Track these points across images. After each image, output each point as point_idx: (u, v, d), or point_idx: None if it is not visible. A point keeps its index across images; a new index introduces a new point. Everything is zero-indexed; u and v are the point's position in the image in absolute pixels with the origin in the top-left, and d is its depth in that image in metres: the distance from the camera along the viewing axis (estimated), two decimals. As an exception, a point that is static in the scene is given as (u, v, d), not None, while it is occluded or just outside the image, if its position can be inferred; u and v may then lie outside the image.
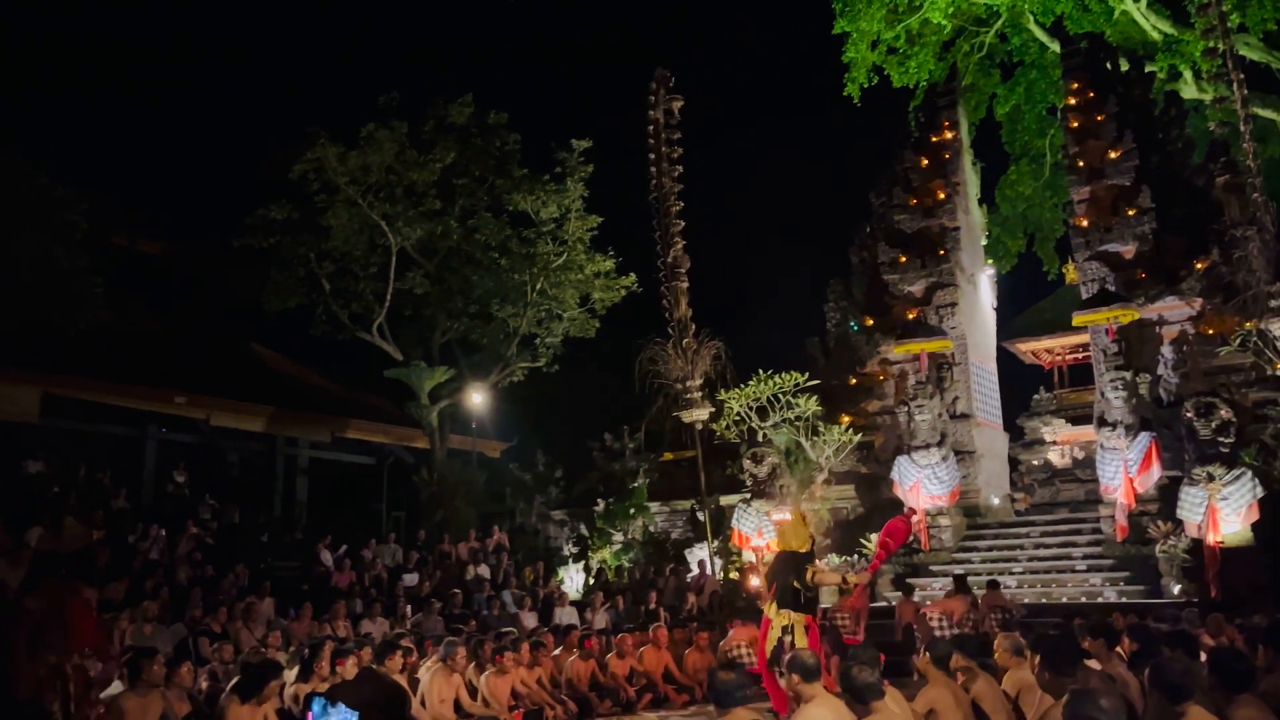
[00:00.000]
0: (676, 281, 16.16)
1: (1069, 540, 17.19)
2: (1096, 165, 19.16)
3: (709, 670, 5.29)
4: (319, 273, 21.46)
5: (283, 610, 13.37)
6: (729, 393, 17.40)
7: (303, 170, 20.22)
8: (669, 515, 21.78)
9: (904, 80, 27.71)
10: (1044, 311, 26.69)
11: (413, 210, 21.20)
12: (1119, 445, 15.59)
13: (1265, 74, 25.85)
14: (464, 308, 23.15)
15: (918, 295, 20.35)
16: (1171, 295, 17.70)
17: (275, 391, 22.11)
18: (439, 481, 21.40)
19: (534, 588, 17.11)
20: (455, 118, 21.66)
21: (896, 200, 21.39)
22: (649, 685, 11.55)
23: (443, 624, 13.55)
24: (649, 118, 16.74)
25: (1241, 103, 15.00)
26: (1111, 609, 11.64)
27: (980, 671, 6.50)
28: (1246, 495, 13.68)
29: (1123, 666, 6.78)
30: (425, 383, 22.05)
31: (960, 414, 19.47)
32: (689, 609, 16.34)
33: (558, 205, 21.97)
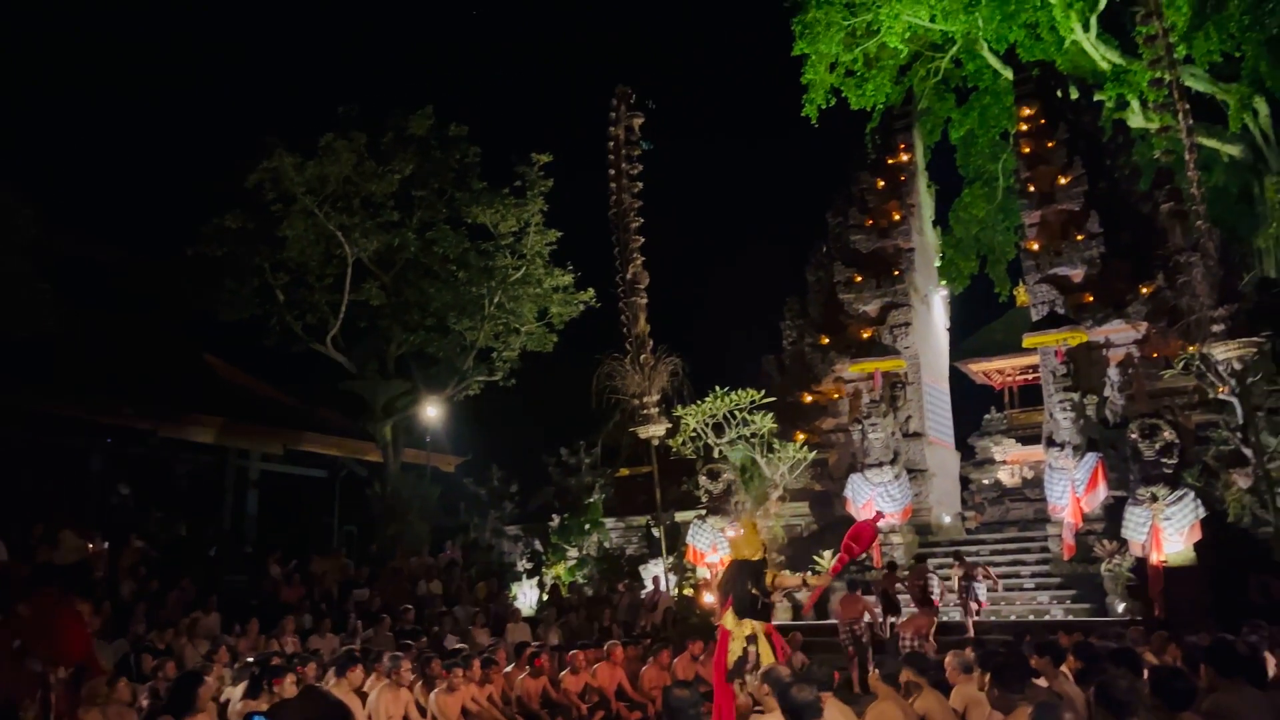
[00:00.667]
0: (635, 297, 16.20)
1: (1018, 558, 17.44)
2: (1047, 190, 19.58)
3: (663, 687, 5.29)
4: (273, 283, 21.18)
5: (231, 625, 13.12)
6: (686, 409, 17.47)
7: (258, 179, 19.97)
8: (624, 531, 21.76)
9: (861, 103, 28.12)
10: (995, 332, 27.16)
11: (370, 221, 21.02)
12: (1067, 465, 15.87)
13: (1210, 105, 26.62)
14: (420, 320, 22.97)
15: (872, 315, 20.60)
16: (1118, 319, 18.10)
17: (227, 403, 21.76)
18: (392, 496, 21.18)
19: (487, 604, 16.97)
20: (415, 129, 21.56)
21: (853, 220, 21.68)
22: (601, 702, 11.49)
23: (393, 640, 13.38)
24: (609, 134, 16.81)
25: (1186, 132, 15.39)
26: (1058, 627, 11.81)
27: (929, 688, 6.58)
28: (1189, 515, 14.00)
29: (1069, 684, 6.89)
30: (380, 396, 21.83)
31: (913, 432, 19.70)
32: (643, 625, 16.32)
33: (517, 219, 21.92)
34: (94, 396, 18.75)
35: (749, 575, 8.65)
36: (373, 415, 21.87)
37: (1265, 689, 5.82)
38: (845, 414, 20.20)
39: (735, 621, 8.56)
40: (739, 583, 8.66)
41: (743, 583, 8.64)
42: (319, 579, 16.57)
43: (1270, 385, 16.33)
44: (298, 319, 21.81)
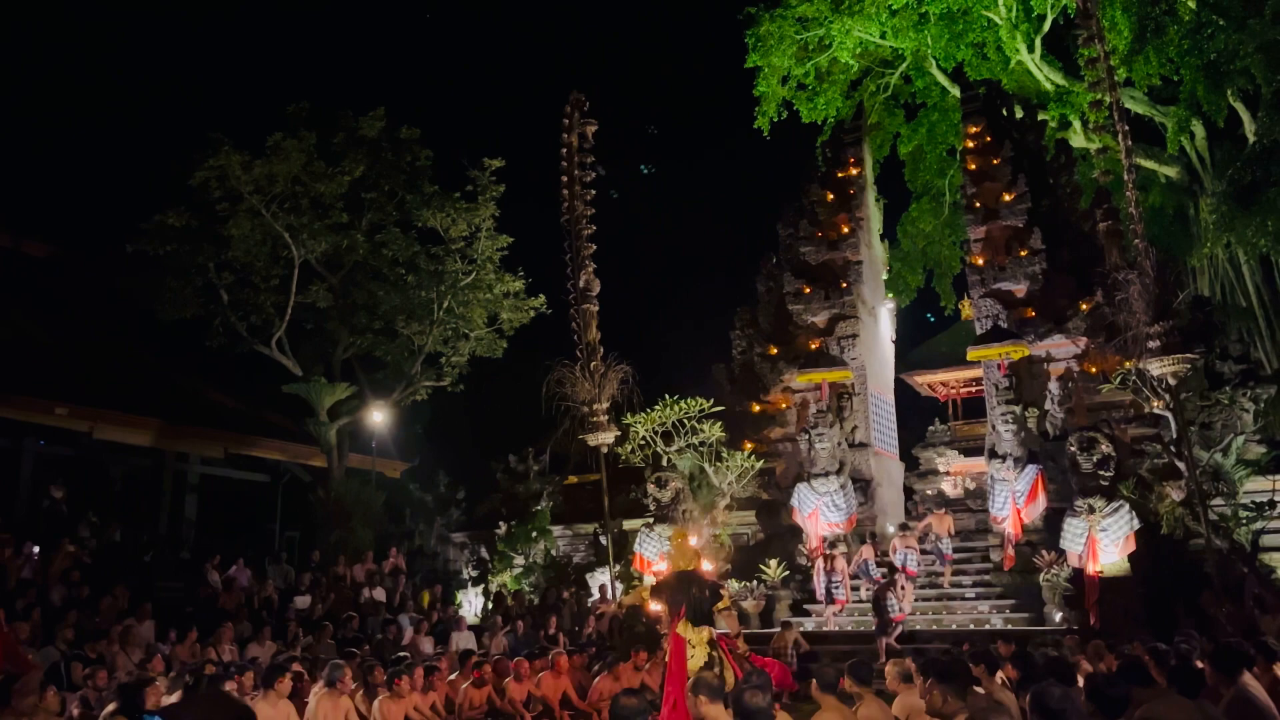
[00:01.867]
0: (586, 305, 16.16)
1: (960, 568, 17.70)
2: (992, 206, 19.95)
3: (612, 696, 5.27)
4: (217, 283, 20.80)
5: (166, 633, 12.83)
6: (635, 417, 17.47)
7: (204, 177, 19.62)
8: (571, 539, 21.69)
9: (812, 116, 28.42)
10: (940, 345, 27.58)
11: (318, 222, 20.75)
12: (1008, 477, 16.17)
13: (1149, 127, 27.36)
14: (368, 323, 22.72)
15: (821, 326, 20.80)
16: (1059, 334, 18.49)
17: (165, 404, 21.27)
18: (336, 501, 20.88)
19: (431, 611, 16.80)
20: (366, 131, 21.35)
21: (803, 232, 21.88)
22: (546, 711, 11.43)
23: (335, 648, 13.20)
24: (563, 140, 16.78)
25: (1125, 153, 15.75)
26: (997, 635, 12.01)
27: (871, 696, 6.64)
28: (1124, 527, 14.34)
29: (1005, 691, 7.01)
30: (325, 399, 21.52)
31: (859, 443, 19.92)
32: (588, 634, 16.27)
33: (468, 223, 21.80)
34: (25, 395, 18.23)
35: (696, 583, 8.71)
36: (317, 419, 21.55)
37: (1197, 697, 5.96)
38: (793, 424, 20.35)
39: (693, 629, 8.59)
40: (688, 591, 8.69)
41: (689, 590, 8.68)
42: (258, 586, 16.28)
43: (1202, 400, 16.80)
44: (242, 320, 21.44)
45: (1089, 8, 15.49)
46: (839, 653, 13.53)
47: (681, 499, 17.60)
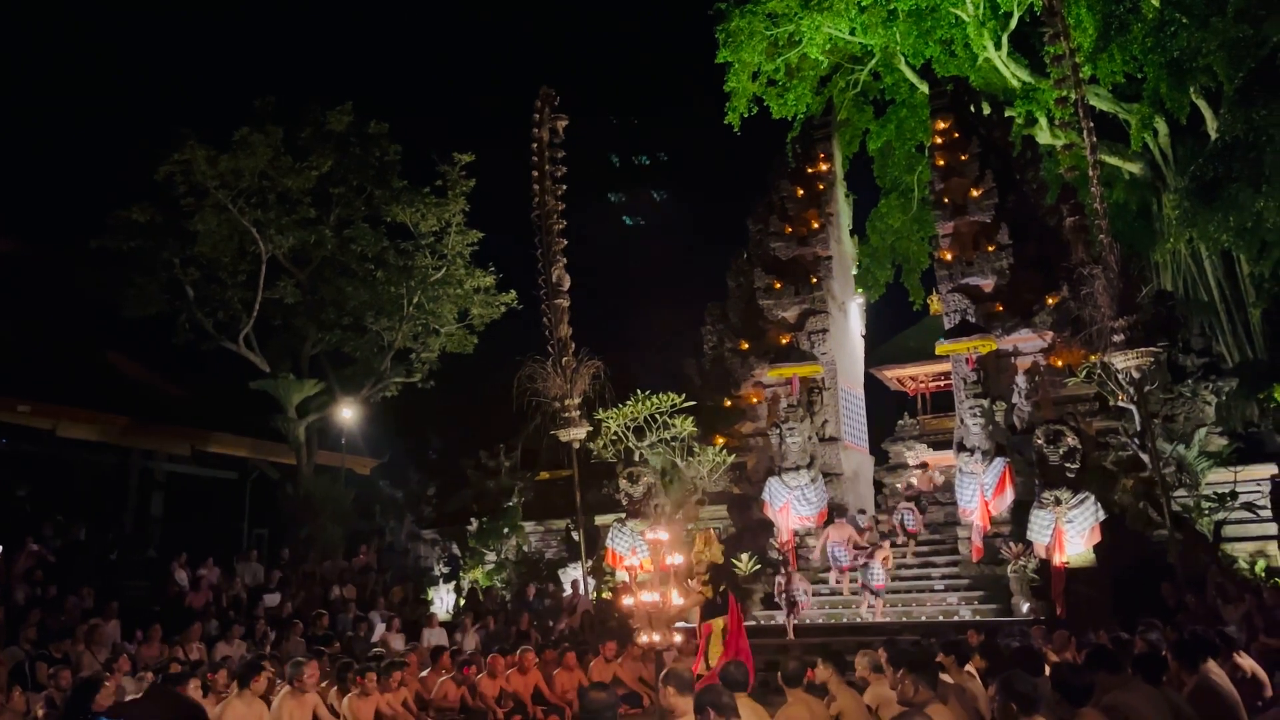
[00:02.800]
0: (557, 300, 16.14)
1: (929, 560, 17.87)
2: (960, 202, 20.13)
3: (580, 690, 5.28)
4: (183, 279, 20.54)
5: (133, 633, 12.69)
6: (607, 412, 17.46)
7: (169, 172, 19.37)
8: (543, 534, 21.66)
9: (783, 112, 28.53)
10: (909, 340, 27.79)
11: (286, 218, 20.55)
12: (976, 470, 16.33)
13: (1113, 123, 27.71)
14: (337, 319, 22.53)
15: (791, 321, 20.90)
16: (1026, 328, 18.70)
17: (131, 402, 20.99)
18: (305, 498, 20.72)
19: (402, 608, 16.73)
20: (334, 125, 21.16)
21: (773, 228, 21.96)
22: (518, 706, 11.43)
23: (305, 646, 13.11)
24: (533, 135, 16.74)
25: (1090, 150, 15.97)
26: (966, 627, 12.14)
27: (845, 687, 6.70)
28: (1089, 518, 14.54)
29: (974, 681, 7.10)
30: (293, 396, 21.32)
31: (829, 437, 20.04)
32: (561, 629, 16.27)
33: (438, 218, 21.68)
34: (-13, 394, 17.94)
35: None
36: (286, 416, 21.35)
37: (1160, 686, 6.06)
38: (764, 418, 20.44)
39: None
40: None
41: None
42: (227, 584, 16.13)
43: (1165, 393, 17.07)
44: (208, 316, 21.20)
45: (1054, 5, 15.69)
46: (809, 645, 13.66)
47: (653, 494, 17.64)
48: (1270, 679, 7.39)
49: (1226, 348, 26.35)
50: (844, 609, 16.68)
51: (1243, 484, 15.96)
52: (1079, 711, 5.24)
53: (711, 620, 9.04)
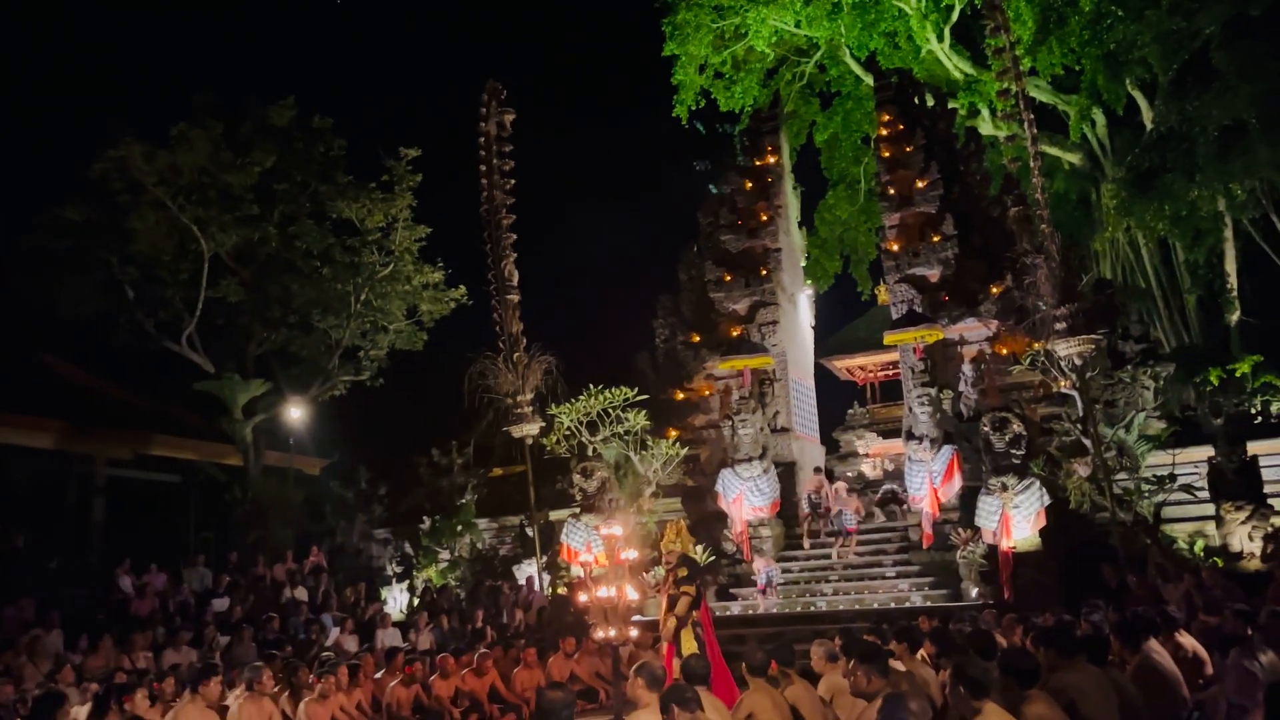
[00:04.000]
0: (507, 295, 16.03)
1: (880, 548, 18.10)
2: (906, 193, 20.37)
3: (537, 689, 5.28)
4: (121, 278, 20.06)
5: (76, 642, 12.38)
6: (560, 408, 17.41)
7: (104, 169, 18.89)
8: (497, 531, 21.54)
9: (730, 104, 28.66)
10: (858, 330, 28.12)
11: (228, 215, 20.17)
12: (925, 457, 16.56)
13: (1053, 115, 28.24)
14: (283, 318, 22.17)
15: (742, 313, 21.00)
16: (971, 317, 18.99)
17: (68, 405, 20.46)
18: (253, 500, 20.38)
19: (355, 609, 16.53)
20: (276, 120, 20.78)
21: (723, 220, 22.04)
22: (474, 705, 11.36)
23: (256, 650, 12.89)
24: (480, 129, 16.59)
25: (1031, 141, 16.26)
26: (918, 613, 12.32)
27: (798, 677, 6.76)
28: (1035, 503, 14.83)
29: (924, 667, 7.20)
30: (239, 396, 20.96)
31: (781, 428, 20.19)
32: (516, 625, 16.21)
33: (384, 214, 21.42)
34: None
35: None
36: (231, 417, 20.99)
37: (1104, 666, 6.20)
38: (716, 410, 20.53)
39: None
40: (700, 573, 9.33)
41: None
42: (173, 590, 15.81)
43: (1106, 379, 17.46)
44: (149, 316, 20.75)
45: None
46: (765, 635, 13.77)
47: (607, 488, 17.62)
48: (1210, 657, 7.59)
49: (1163, 333, 27.05)
50: (798, 598, 16.83)
51: (1181, 466, 16.37)
52: (1027, 693, 5.35)
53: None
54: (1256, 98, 20.58)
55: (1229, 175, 21.85)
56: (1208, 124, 21.58)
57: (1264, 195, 23.78)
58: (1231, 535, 15.18)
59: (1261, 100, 20.55)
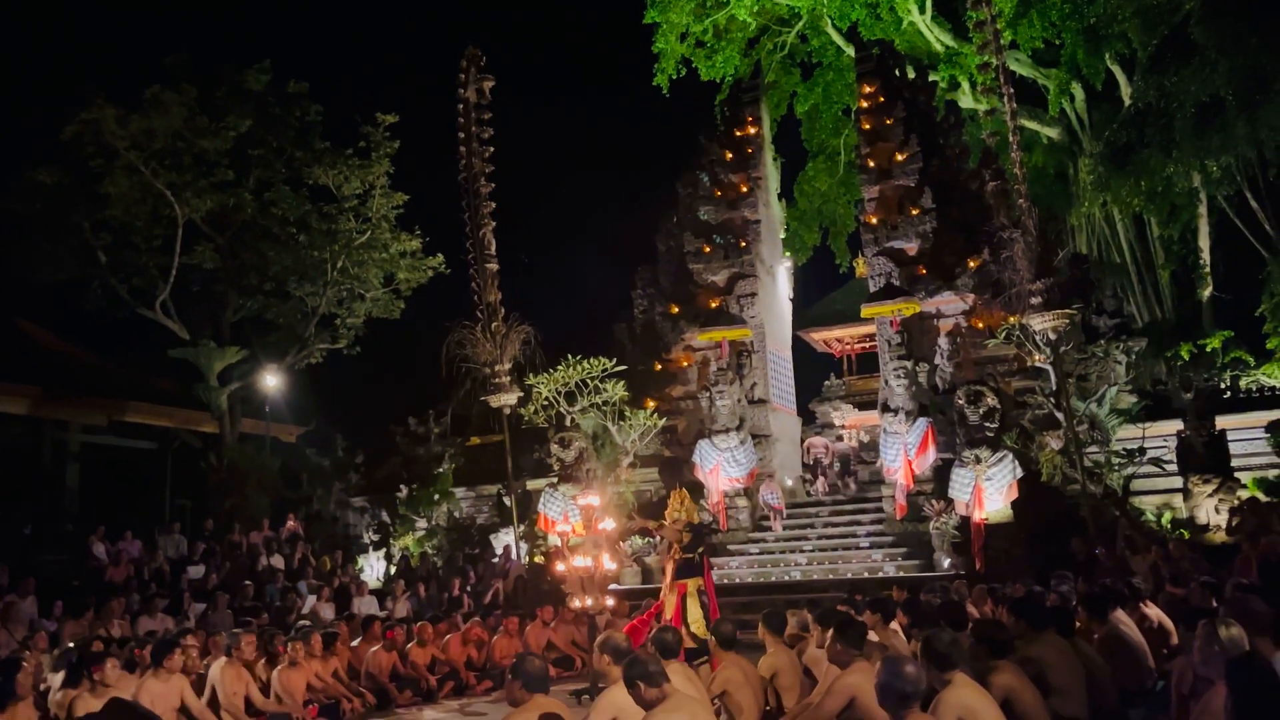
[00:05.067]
0: (486, 264, 15.97)
1: (854, 519, 18.31)
2: (885, 166, 20.39)
3: (516, 656, 5.33)
4: (94, 243, 19.80)
5: (50, 608, 12.35)
6: (538, 377, 17.42)
7: (76, 132, 18.58)
8: (475, 500, 21.60)
9: (711, 74, 28.48)
10: (836, 303, 28.19)
11: (203, 180, 19.91)
12: (900, 430, 16.72)
13: (1032, 89, 28.28)
14: (258, 285, 21.98)
15: (720, 285, 21.03)
16: (948, 291, 19.10)
17: (42, 371, 20.24)
18: (229, 468, 20.30)
19: (331, 577, 16.57)
20: (251, 84, 20.48)
21: (702, 191, 22.00)
22: (451, 673, 11.44)
23: (232, 618, 12.93)
24: (459, 96, 16.43)
25: (1011, 115, 16.30)
26: (890, 583, 12.49)
27: (780, 645, 6.85)
28: (1007, 475, 15.03)
29: (897, 638, 7.32)
30: (214, 363, 20.82)
31: (758, 399, 20.29)
32: (493, 594, 16.30)
33: (361, 181, 21.21)
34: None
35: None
36: (207, 384, 20.86)
37: (1072, 637, 6.33)
38: (694, 382, 20.60)
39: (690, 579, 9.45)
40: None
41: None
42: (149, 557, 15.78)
43: (1079, 353, 17.66)
44: (122, 282, 20.53)
45: (977, -29, 15.88)
46: (739, 604, 13.93)
47: (585, 458, 17.69)
48: (1176, 628, 7.76)
49: (1137, 308, 27.32)
50: (773, 568, 17.01)
51: (1150, 440, 16.64)
52: (996, 664, 5.47)
53: (686, 580, 9.16)
54: (1235, 73, 20.68)
55: (1205, 151, 21.98)
56: (1186, 100, 21.67)
57: (1239, 172, 23.96)
58: (1198, 508, 15.46)
59: (1239, 76, 20.64)
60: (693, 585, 9.07)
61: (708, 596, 9.15)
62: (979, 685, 4.77)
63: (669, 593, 9.22)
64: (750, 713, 6.21)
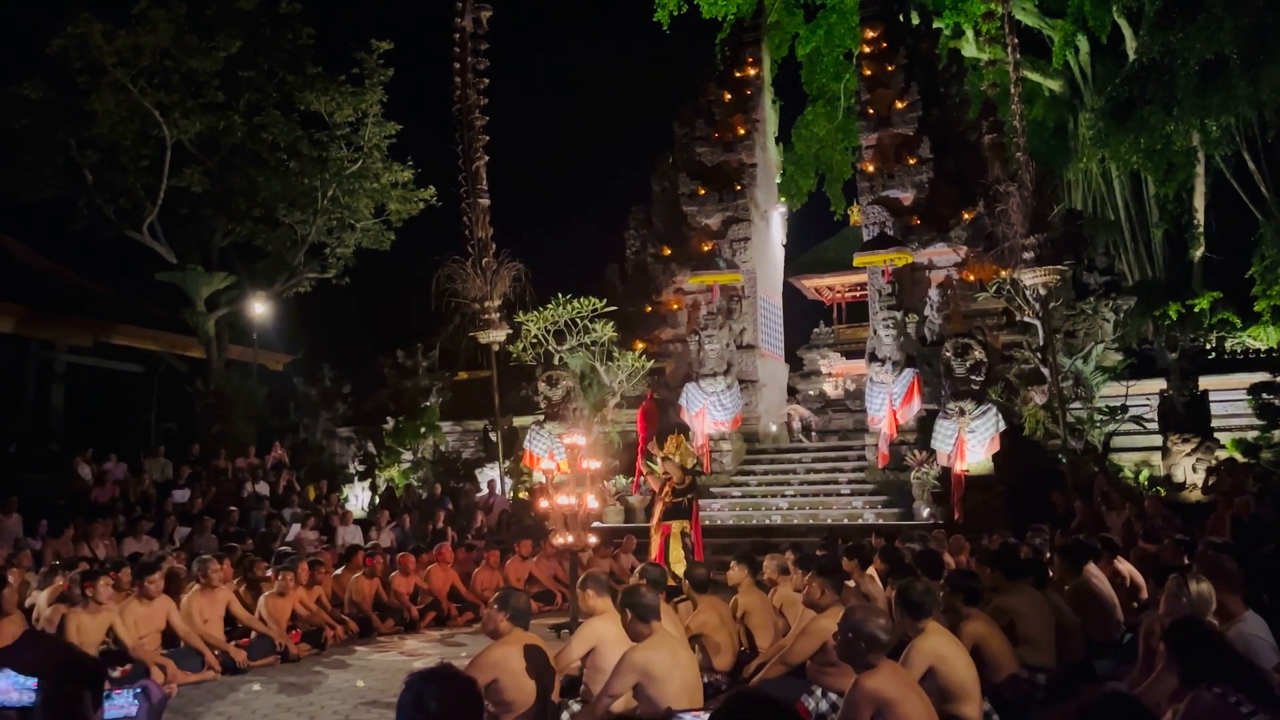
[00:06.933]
0: (478, 198, 15.84)
1: (836, 466, 18.47)
2: (884, 113, 20.17)
3: (499, 589, 5.40)
4: (81, 162, 19.49)
5: (33, 528, 12.43)
6: (527, 315, 17.39)
7: (62, 45, 18.18)
8: (461, 435, 21.69)
9: (713, 12, 28.04)
10: (828, 250, 28.12)
11: (192, 101, 19.56)
12: (886, 379, 16.80)
13: (1037, 39, 27.95)
14: (247, 210, 21.73)
15: (714, 228, 20.91)
16: (941, 242, 19.06)
17: (27, 289, 20.07)
18: (215, 393, 20.29)
19: (316, 506, 16.69)
20: (242, 3, 20.00)
21: (699, 132, 21.75)
22: (433, 604, 11.60)
23: (216, 543, 13.03)
24: (455, 25, 16.13)
25: (1014, 66, 16.13)
26: (869, 530, 12.65)
27: (752, 586, 6.98)
28: (990, 428, 15.16)
29: (874, 584, 7.45)
30: (202, 288, 20.68)
31: (746, 344, 20.33)
32: (477, 527, 16.46)
33: (354, 108, 20.86)
34: None
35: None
36: (194, 309, 20.74)
37: (1045, 589, 6.45)
38: (683, 325, 20.59)
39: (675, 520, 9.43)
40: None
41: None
42: (134, 480, 15.84)
43: (1068, 310, 17.72)
44: (109, 202, 20.27)
45: (988, -84, 15.56)
46: (719, 545, 14.11)
47: (572, 397, 17.75)
48: (1146, 583, 7.91)
49: (1128, 266, 27.37)
50: (754, 511, 17.21)
51: (1133, 398, 16.78)
52: (969, 611, 5.58)
53: (671, 522, 9.26)
54: (1240, 32, 20.49)
55: (1206, 110, 21.87)
56: (1190, 57, 21.48)
57: (1238, 132, 23.86)
58: (1176, 466, 15.66)
59: (1244, 35, 20.46)
60: (677, 527, 9.18)
61: (692, 539, 9.27)
62: (951, 634, 4.87)
63: (655, 533, 9.33)
64: (726, 652, 6.34)
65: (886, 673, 3.90)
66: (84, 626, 7.60)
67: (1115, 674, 6.06)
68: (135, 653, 7.81)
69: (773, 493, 17.73)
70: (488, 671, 4.62)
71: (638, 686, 4.61)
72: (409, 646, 10.23)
